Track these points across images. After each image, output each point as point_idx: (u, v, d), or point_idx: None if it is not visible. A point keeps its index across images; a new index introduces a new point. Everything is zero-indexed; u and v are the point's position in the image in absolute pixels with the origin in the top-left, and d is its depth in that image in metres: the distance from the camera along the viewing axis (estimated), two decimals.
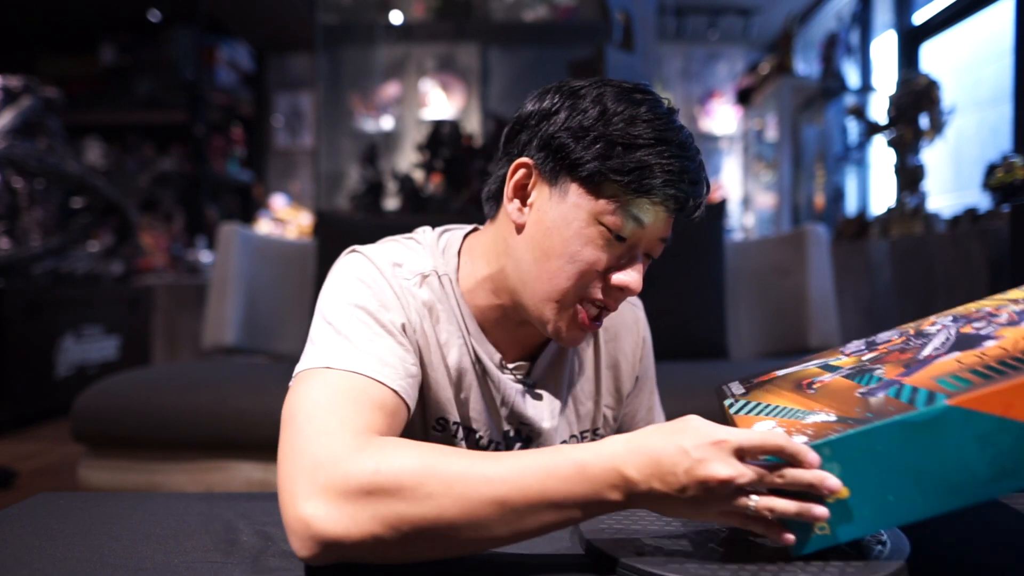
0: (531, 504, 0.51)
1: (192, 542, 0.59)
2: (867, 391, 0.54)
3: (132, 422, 1.52)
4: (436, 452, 0.53)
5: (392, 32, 4.16)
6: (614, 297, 0.69)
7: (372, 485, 0.51)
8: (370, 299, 0.67)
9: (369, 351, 0.62)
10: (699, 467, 0.49)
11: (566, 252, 0.67)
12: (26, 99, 2.97)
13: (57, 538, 0.60)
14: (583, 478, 0.51)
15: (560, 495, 0.51)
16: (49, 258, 3.14)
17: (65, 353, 3.07)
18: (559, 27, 3.79)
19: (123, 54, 4.75)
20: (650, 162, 0.63)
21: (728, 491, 0.49)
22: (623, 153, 0.64)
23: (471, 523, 0.51)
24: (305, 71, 5.30)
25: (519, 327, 0.75)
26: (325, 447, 0.53)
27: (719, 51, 5.06)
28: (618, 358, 0.83)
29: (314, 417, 0.56)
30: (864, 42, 3.78)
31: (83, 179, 3.15)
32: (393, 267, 0.70)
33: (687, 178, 0.65)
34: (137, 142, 4.78)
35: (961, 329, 0.60)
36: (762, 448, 0.49)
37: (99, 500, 0.70)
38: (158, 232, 4.26)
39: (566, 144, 0.66)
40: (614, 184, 0.64)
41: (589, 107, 0.66)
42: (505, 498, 0.51)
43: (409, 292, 0.70)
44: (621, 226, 0.66)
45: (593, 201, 0.65)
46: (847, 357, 0.65)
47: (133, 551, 0.57)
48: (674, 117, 0.67)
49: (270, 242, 2.26)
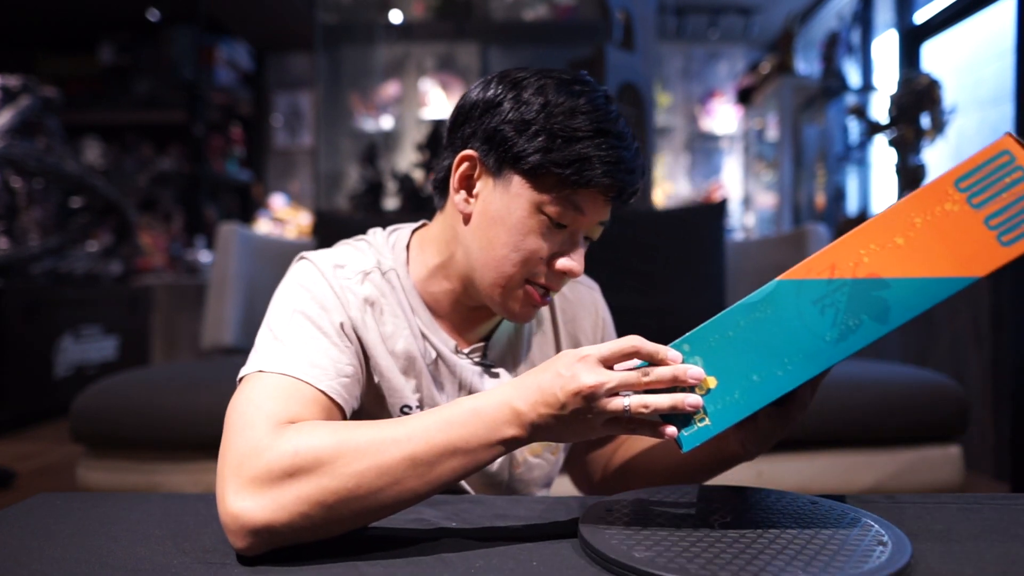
0: (439, 454, 0.56)
1: (191, 543, 0.59)
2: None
3: (131, 422, 1.52)
4: (349, 427, 0.58)
5: (392, 31, 4.16)
6: (558, 280, 0.74)
7: (292, 467, 0.54)
8: (308, 303, 0.70)
9: (301, 354, 0.65)
10: (571, 382, 0.55)
11: (510, 241, 0.70)
12: (25, 99, 2.97)
13: (56, 538, 0.60)
14: (480, 420, 0.57)
15: (463, 440, 0.57)
16: (48, 258, 3.13)
17: (64, 353, 3.06)
18: (559, 26, 3.78)
19: (122, 53, 4.74)
20: (589, 154, 0.67)
21: (602, 397, 0.55)
22: (563, 146, 0.67)
23: (388, 483, 0.55)
24: (304, 71, 5.30)
25: (474, 310, 0.79)
26: (247, 440, 0.57)
27: (720, 50, 5.04)
28: (578, 336, 0.87)
29: (241, 416, 0.60)
30: (865, 41, 3.78)
31: (82, 179, 3.16)
32: (335, 268, 0.74)
33: (624, 167, 0.69)
34: (136, 142, 4.78)
35: None
36: (621, 353, 0.56)
37: (98, 500, 0.70)
38: (157, 232, 4.26)
39: (509, 138, 0.69)
40: (555, 176, 0.68)
41: (531, 99, 0.69)
42: (413, 453, 0.56)
43: (349, 290, 0.73)
44: (562, 215, 0.69)
45: (535, 192, 0.69)
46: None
47: (132, 552, 0.57)
48: (612, 107, 0.71)
49: (269, 242, 2.26)
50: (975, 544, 0.57)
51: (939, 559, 0.54)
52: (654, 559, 0.52)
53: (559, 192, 0.68)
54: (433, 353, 0.77)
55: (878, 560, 0.51)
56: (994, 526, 0.62)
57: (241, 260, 2.02)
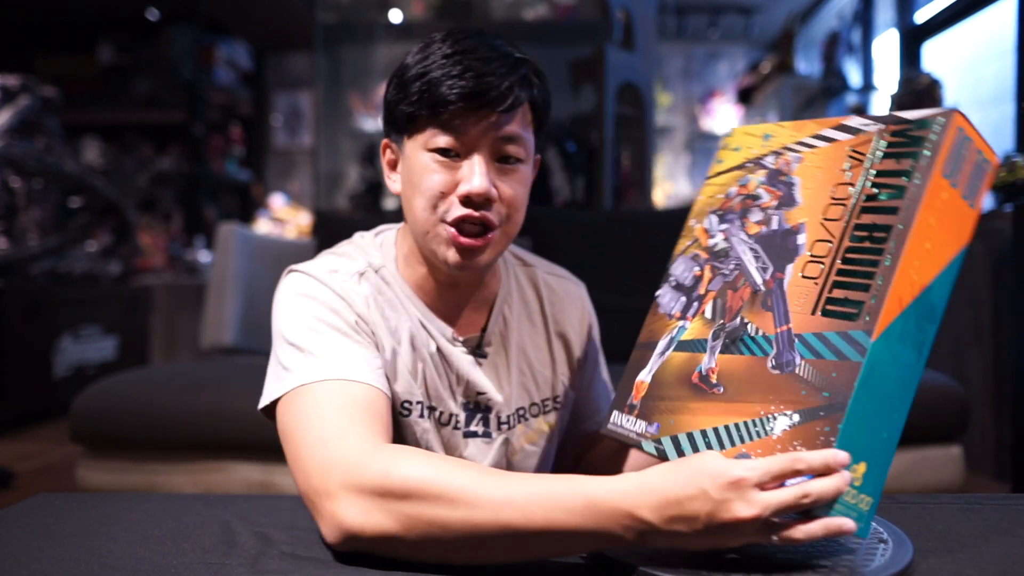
0: (535, 532, 0.51)
1: (190, 543, 0.59)
2: (777, 362, 0.55)
3: (130, 422, 1.52)
4: (441, 463, 0.56)
5: (392, 31, 4.15)
6: (476, 207, 0.71)
7: (382, 488, 0.54)
8: (319, 309, 0.71)
9: (334, 357, 0.67)
10: (722, 510, 0.48)
11: (416, 189, 0.72)
12: (24, 98, 2.96)
13: (55, 539, 0.60)
14: (591, 513, 0.50)
15: (567, 527, 0.51)
16: (47, 258, 3.13)
17: (63, 353, 3.06)
18: (559, 26, 3.77)
19: (122, 53, 4.73)
20: (434, 77, 0.69)
21: (756, 527, 0.49)
22: (414, 85, 0.70)
23: (474, 541, 0.53)
24: (304, 70, 5.28)
25: (450, 290, 0.79)
26: (337, 450, 0.58)
27: (720, 50, 5.04)
28: (565, 328, 0.87)
29: (309, 429, 0.61)
30: (866, 41, 3.78)
31: (81, 179, 3.15)
32: (330, 273, 0.75)
33: (472, 71, 0.68)
34: (136, 142, 4.77)
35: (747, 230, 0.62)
36: (782, 476, 0.49)
37: (97, 501, 0.71)
38: (156, 232, 4.25)
39: (388, 111, 0.75)
40: (421, 116, 0.71)
41: (396, 70, 0.74)
42: (508, 523, 0.52)
43: (352, 290, 0.74)
44: (439, 143, 0.70)
45: (417, 139, 0.72)
46: (686, 321, 0.63)
47: (131, 552, 0.57)
48: (465, 33, 0.72)
49: (269, 242, 2.27)
50: (976, 544, 0.57)
51: (940, 559, 0.54)
52: (655, 558, 0.52)
53: (431, 127, 0.71)
54: (433, 344, 0.78)
55: (879, 560, 0.51)
56: (995, 526, 0.62)
57: (241, 260, 2.01)
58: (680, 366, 0.62)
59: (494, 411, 0.80)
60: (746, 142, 0.68)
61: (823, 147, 0.61)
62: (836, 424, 0.49)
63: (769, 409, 0.53)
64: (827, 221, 0.57)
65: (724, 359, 0.58)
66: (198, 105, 4.43)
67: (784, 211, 0.60)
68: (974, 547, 0.57)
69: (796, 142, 0.63)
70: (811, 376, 0.52)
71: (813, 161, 0.61)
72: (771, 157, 0.64)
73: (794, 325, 0.55)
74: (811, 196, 0.59)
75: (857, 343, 0.51)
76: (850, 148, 0.58)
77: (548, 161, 3.14)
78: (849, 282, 0.53)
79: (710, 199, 0.68)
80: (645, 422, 0.62)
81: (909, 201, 0.52)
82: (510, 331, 0.83)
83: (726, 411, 0.56)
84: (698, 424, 0.58)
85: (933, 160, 0.53)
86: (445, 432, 0.78)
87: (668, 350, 0.63)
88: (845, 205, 0.56)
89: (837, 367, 0.51)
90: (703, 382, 0.59)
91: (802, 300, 0.55)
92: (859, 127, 0.59)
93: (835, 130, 0.61)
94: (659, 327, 0.66)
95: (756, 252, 0.61)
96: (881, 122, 0.57)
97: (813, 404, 0.51)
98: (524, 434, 0.82)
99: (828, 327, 0.53)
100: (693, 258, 0.66)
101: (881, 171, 0.55)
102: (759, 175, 0.64)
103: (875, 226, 0.53)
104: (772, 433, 0.52)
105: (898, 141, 0.55)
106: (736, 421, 0.55)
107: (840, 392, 0.50)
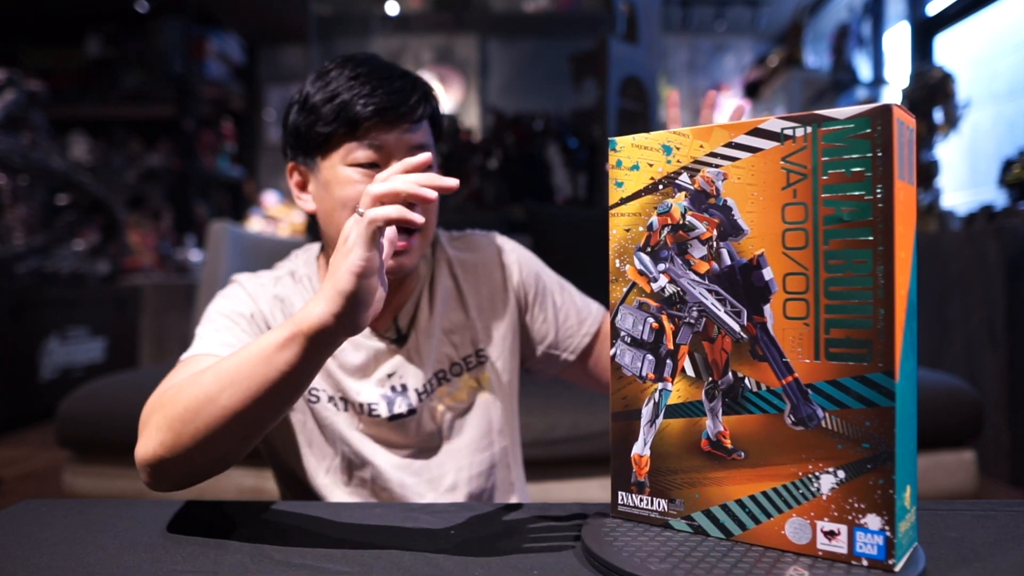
0: (238, 364, 0.61)
1: (180, 550, 0.59)
2: (797, 418, 0.52)
3: (118, 427, 1.48)
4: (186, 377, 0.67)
5: (388, 23, 4.12)
6: None
7: (150, 407, 0.65)
8: (223, 304, 0.84)
9: (213, 338, 0.78)
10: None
11: (337, 203, 0.81)
12: (9, 92, 2.99)
13: (41, 546, 0.60)
14: (288, 324, 0.59)
15: (257, 345, 0.60)
16: (33, 257, 3.13)
17: (49, 355, 3.07)
18: (561, 18, 3.75)
19: (109, 46, 4.71)
20: (345, 99, 0.79)
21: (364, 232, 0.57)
22: (325, 107, 0.79)
23: (204, 403, 0.61)
24: (298, 64, 5.29)
25: None
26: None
27: (726, 43, 5.03)
28: (482, 291, 0.93)
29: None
30: (876, 33, 3.81)
31: (68, 175, 3.18)
32: (251, 277, 0.89)
33: (382, 88, 0.79)
34: (124, 137, 4.77)
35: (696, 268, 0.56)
36: (383, 215, 0.56)
37: (84, 507, 0.71)
38: (146, 230, 4.25)
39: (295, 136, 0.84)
40: (337, 134, 0.80)
41: (296, 97, 0.84)
42: (218, 370, 0.62)
43: (261, 291, 0.86)
44: (359, 157, 0.80)
45: (333, 156, 0.81)
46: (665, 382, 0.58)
47: (119, 560, 0.57)
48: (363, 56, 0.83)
49: (262, 240, 2.26)
50: (991, 553, 0.56)
51: (953, 567, 0.53)
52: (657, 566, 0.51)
53: (347, 142, 0.80)
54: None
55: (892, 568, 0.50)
56: (1010, 533, 0.61)
57: (232, 259, 1.99)
58: (681, 434, 0.57)
59: (411, 388, 0.87)
60: (644, 157, 0.59)
61: (748, 159, 0.53)
62: (890, 476, 0.48)
63: (807, 469, 0.51)
64: (791, 250, 0.51)
65: (732, 421, 0.55)
66: (188, 99, 4.42)
67: (731, 241, 0.54)
68: (989, 555, 0.56)
69: (708, 154, 0.55)
70: (842, 429, 0.50)
71: (743, 177, 0.53)
72: (685, 175, 0.56)
73: (800, 374, 0.51)
74: (758, 222, 0.52)
75: (881, 387, 0.49)
76: (783, 160, 0.51)
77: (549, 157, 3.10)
78: (846, 319, 0.49)
79: (627, 233, 0.59)
80: (663, 500, 0.58)
81: (879, 217, 0.48)
82: (421, 308, 0.90)
83: (757, 477, 0.53)
84: (730, 494, 0.55)
85: (889, 165, 0.48)
86: (364, 420, 0.86)
87: (658, 418, 0.59)
88: (805, 230, 0.51)
89: (868, 416, 0.49)
90: (717, 448, 0.55)
91: (797, 345, 0.51)
92: (782, 131, 0.52)
93: (754, 136, 0.53)
94: (633, 392, 0.60)
95: (719, 294, 0.55)
96: (802, 122, 0.51)
97: (855, 458, 0.49)
98: (449, 394, 0.89)
99: (841, 372, 0.50)
100: (640, 307, 0.59)
101: (831, 186, 0.50)
102: (679, 199, 0.56)
103: (851, 252, 0.49)
104: (820, 493, 0.51)
105: (839, 147, 0.49)
106: (774, 486, 0.53)
107: (881, 441, 0.49)
